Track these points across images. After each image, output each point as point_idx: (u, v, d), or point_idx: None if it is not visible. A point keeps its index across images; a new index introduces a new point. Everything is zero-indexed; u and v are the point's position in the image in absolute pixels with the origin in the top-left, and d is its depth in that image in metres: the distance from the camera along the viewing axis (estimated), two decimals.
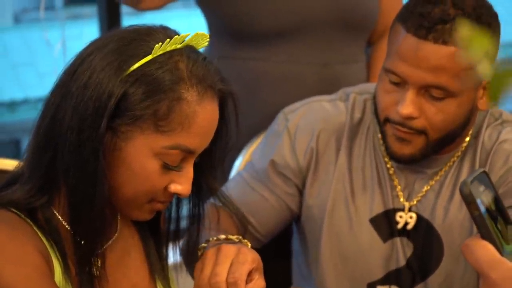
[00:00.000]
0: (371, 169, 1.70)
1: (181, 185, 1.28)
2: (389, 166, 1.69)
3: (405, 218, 1.67)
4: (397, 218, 1.67)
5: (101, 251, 1.30)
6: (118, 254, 1.36)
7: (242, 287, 1.31)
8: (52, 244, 1.27)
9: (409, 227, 1.67)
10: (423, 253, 1.66)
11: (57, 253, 1.27)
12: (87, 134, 1.21)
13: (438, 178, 1.67)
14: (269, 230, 1.76)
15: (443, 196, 1.66)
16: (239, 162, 2.00)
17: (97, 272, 1.29)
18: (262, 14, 2.01)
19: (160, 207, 1.31)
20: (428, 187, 1.67)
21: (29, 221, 1.26)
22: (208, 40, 1.30)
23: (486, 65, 0.85)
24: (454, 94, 1.55)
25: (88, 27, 3.13)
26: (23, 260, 1.20)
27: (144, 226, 1.42)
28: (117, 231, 1.38)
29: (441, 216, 1.65)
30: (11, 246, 1.21)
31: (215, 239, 1.43)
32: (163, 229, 1.44)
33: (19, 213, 1.26)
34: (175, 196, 1.37)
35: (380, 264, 1.68)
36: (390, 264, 1.68)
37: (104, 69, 1.23)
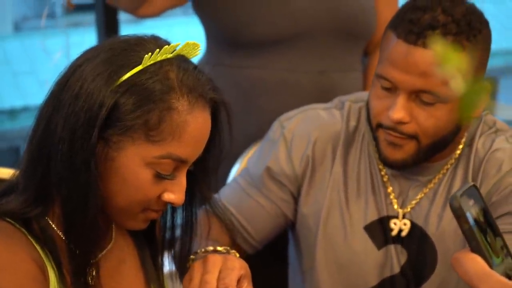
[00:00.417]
0: (365, 177, 1.71)
1: (174, 193, 1.28)
2: (383, 174, 1.70)
3: (399, 225, 1.68)
4: (391, 225, 1.68)
5: (96, 260, 1.30)
6: (113, 263, 1.37)
7: None
8: (47, 253, 1.27)
9: (403, 234, 1.67)
10: (417, 261, 1.67)
11: (52, 262, 1.27)
12: (79, 145, 1.22)
13: (431, 185, 1.68)
14: (263, 236, 1.76)
15: (436, 204, 1.67)
16: (235, 170, 2.00)
17: (92, 281, 1.30)
18: (259, 22, 2.02)
19: (154, 215, 1.32)
20: (422, 195, 1.68)
21: (24, 230, 1.26)
22: (199, 49, 1.30)
23: (458, 81, 0.86)
24: (444, 99, 1.56)
25: (89, 35, 3.14)
26: (17, 268, 1.20)
27: (139, 235, 1.43)
28: (112, 240, 1.38)
29: (435, 224, 1.66)
30: (5, 254, 1.21)
31: (203, 250, 1.44)
32: (158, 237, 1.44)
33: (13, 222, 1.26)
34: (169, 205, 1.38)
35: (374, 271, 1.68)
36: (384, 271, 1.68)
37: (95, 79, 1.23)
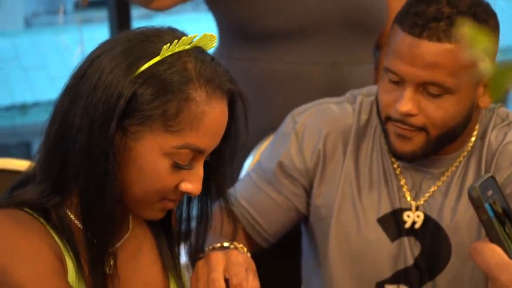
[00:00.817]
0: (378, 170, 1.72)
1: (192, 183, 1.29)
2: (395, 166, 1.71)
3: (413, 218, 1.68)
4: (405, 218, 1.68)
5: (113, 249, 1.31)
6: (130, 253, 1.38)
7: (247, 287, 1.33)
8: (65, 243, 1.28)
9: (417, 226, 1.68)
10: (430, 253, 1.67)
11: (70, 252, 1.28)
12: (97, 136, 1.22)
13: (444, 178, 1.69)
14: (276, 230, 1.77)
15: (450, 196, 1.67)
16: (248, 163, 2.01)
17: (110, 270, 1.31)
18: (271, 14, 2.02)
19: (171, 205, 1.32)
20: (435, 188, 1.69)
21: (42, 220, 1.27)
22: (216, 41, 1.31)
23: (487, 62, 0.87)
24: (452, 91, 1.56)
25: (100, 31, 3.15)
26: (36, 259, 1.21)
27: (156, 224, 1.44)
28: (129, 229, 1.39)
29: (449, 217, 1.66)
30: (24, 245, 1.22)
31: (210, 248, 1.45)
32: (174, 227, 1.45)
33: (32, 212, 1.27)
34: (185, 196, 1.39)
35: (388, 263, 1.69)
36: (398, 264, 1.68)
37: (113, 70, 1.24)
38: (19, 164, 1.71)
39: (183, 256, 1.46)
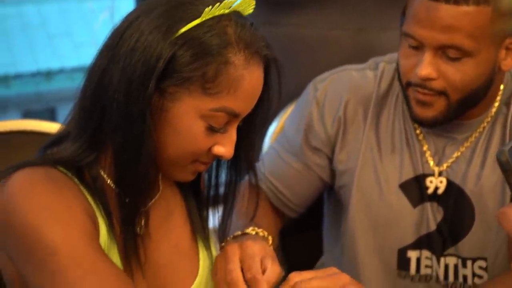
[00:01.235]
0: (400, 135, 1.72)
1: (225, 147, 1.30)
2: (418, 132, 1.71)
3: (435, 183, 1.69)
4: (427, 183, 1.69)
5: (144, 210, 1.33)
6: (160, 214, 1.39)
7: (260, 280, 1.34)
8: (98, 203, 1.29)
9: (440, 191, 1.68)
10: (453, 219, 1.68)
11: (103, 212, 1.29)
12: (135, 96, 1.23)
13: (468, 144, 1.69)
14: (303, 201, 1.79)
15: (475, 162, 1.68)
16: (273, 128, 2.02)
17: (141, 230, 1.33)
18: None
19: (202, 168, 1.34)
20: (459, 153, 1.69)
21: (75, 180, 1.29)
22: (253, 6, 1.32)
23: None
24: (471, 53, 1.56)
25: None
26: (69, 220, 1.22)
27: (185, 187, 1.45)
28: (159, 191, 1.41)
29: (473, 182, 1.67)
30: (58, 205, 1.23)
31: (231, 237, 1.46)
32: (203, 191, 1.47)
33: (66, 172, 1.28)
34: (215, 162, 1.41)
35: (410, 229, 1.69)
36: (420, 229, 1.69)
37: (152, 32, 1.24)
38: (46, 126, 1.72)
39: (210, 222, 1.48)
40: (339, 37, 2.04)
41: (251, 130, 1.37)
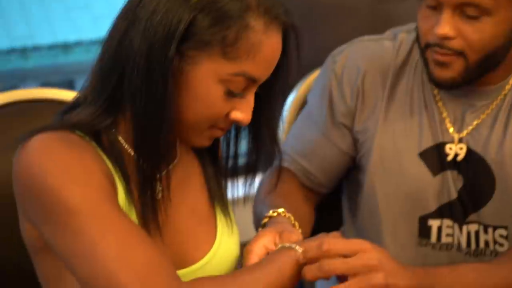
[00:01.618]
0: (418, 104, 1.72)
1: (242, 112, 1.31)
2: (437, 99, 1.70)
3: (455, 150, 1.68)
4: (447, 150, 1.68)
5: (162, 175, 1.33)
6: (178, 179, 1.40)
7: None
8: (116, 167, 1.30)
9: (459, 158, 1.68)
10: (473, 186, 1.67)
11: (121, 176, 1.30)
12: (156, 59, 1.24)
13: (489, 111, 1.68)
14: (332, 177, 1.80)
15: (496, 130, 1.67)
16: (291, 98, 2.02)
17: (159, 195, 1.33)
18: None
19: (220, 134, 1.34)
20: (479, 120, 1.68)
21: (93, 144, 1.29)
22: None
23: None
24: (489, 12, 1.55)
25: None
26: (88, 181, 1.23)
27: (203, 153, 1.46)
28: (177, 157, 1.41)
29: (494, 150, 1.66)
30: (77, 167, 1.24)
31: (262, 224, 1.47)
32: (220, 160, 1.47)
33: (83, 135, 1.29)
34: (233, 132, 1.42)
35: (432, 197, 1.69)
36: (441, 198, 1.69)
37: None
38: (65, 95, 1.73)
39: (228, 193, 1.49)
40: (357, 5, 2.04)
41: (271, 98, 1.37)
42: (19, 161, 1.26)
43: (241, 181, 1.46)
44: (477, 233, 1.68)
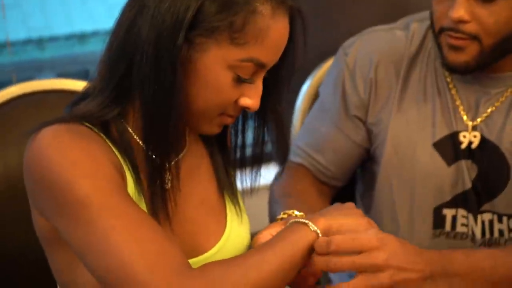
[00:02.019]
0: (432, 93, 1.71)
1: (251, 98, 1.32)
2: (451, 87, 1.70)
3: (469, 138, 1.68)
4: (461, 138, 1.68)
5: (171, 165, 1.33)
6: (187, 169, 1.40)
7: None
8: (125, 157, 1.30)
9: (474, 146, 1.67)
10: (488, 175, 1.67)
11: (130, 167, 1.30)
12: (165, 47, 1.24)
13: (503, 99, 1.68)
14: (346, 170, 1.80)
15: (511, 118, 1.66)
16: (306, 87, 2.02)
17: (168, 185, 1.34)
18: None
19: (229, 121, 1.35)
20: (494, 108, 1.68)
21: (102, 134, 1.30)
22: None
23: None
24: None
25: None
26: (97, 172, 1.23)
27: (212, 142, 1.46)
28: (186, 146, 1.42)
29: (509, 139, 1.66)
30: (86, 159, 1.24)
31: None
32: (229, 149, 1.48)
33: (92, 127, 1.29)
34: (241, 120, 1.43)
35: (446, 188, 1.69)
36: (456, 188, 1.69)
37: None
38: (81, 85, 1.74)
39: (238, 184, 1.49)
40: None
41: (278, 83, 1.37)
42: (29, 154, 1.26)
43: (249, 171, 1.47)
44: (491, 222, 1.68)
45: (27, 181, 1.28)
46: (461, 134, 1.68)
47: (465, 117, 1.69)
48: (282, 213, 1.45)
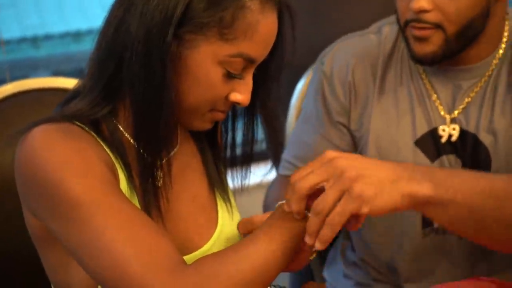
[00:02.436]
0: (408, 91, 1.72)
1: (241, 94, 1.32)
2: (426, 83, 1.71)
3: (448, 131, 1.69)
4: (440, 132, 1.69)
5: (163, 163, 1.33)
6: (178, 167, 1.41)
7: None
8: (116, 155, 1.30)
9: (454, 139, 1.68)
10: (471, 167, 1.67)
11: (121, 164, 1.30)
12: (154, 43, 1.24)
13: (478, 89, 1.69)
14: None
15: (486, 107, 1.67)
16: (301, 85, 2.03)
17: (160, 183, 1.34)
18: None
19: (220, 116, 1.35)
20: (469, 99, 1.69)
21: (93, 134, 1.29)
22: None
23: None
24: None
25: None
26: (89, 172, 1.23)
27: (202, 140, 1.47)
28: (177, 144, 1.42)
29: (486, 127, 1.66)
30: (77, 159, 1.24)
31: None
32: (220, 145, 1.48)
33: (83, 126, 1.29)
34: (231, 121, 1.43)
35: None
36: None
37: None
38: (74, 83, 1.74)
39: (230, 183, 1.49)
40: None
41: (267, 79, 1.38)
42: (20, 154, 1.26)
43: (240, 170, 1.47)
44: None
45: (18, 181, 1.27)
46: (440, 128, 1.69)
47: (442, 112, 1.70)
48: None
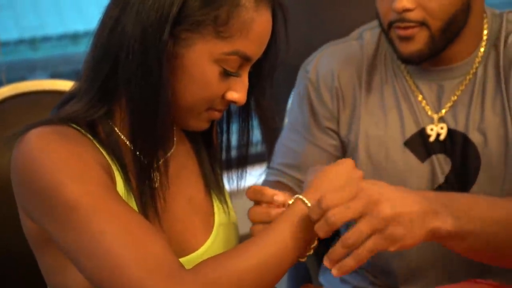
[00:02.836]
0: (394, 93, 1.73)
1: (238, 92, 1.32)
2: (410, 83, 1.72)
3: (436, 130, 1.69)
4: (428, 131, 1.69)
5: (160, 164, 1.34)
6: (175, 168, 1.40)
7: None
8: (113, 157, 1.30)
9: (442, 138, 1.68)
10: (461, 167, 1.67)
11: (118, 166, 1.30)
12: (151, 42, 1.24)
13: (463, 87, 1.69)
14: None
15: (474, 106, 1.67)
16: None
17: (156, 185, 1.34)
18: None
19: (217, 115, 1.36)
20: (456, 97, 1.69)
21: (89, 136, 1.29)
22: None
23: None
24: None
25: None
26: (86, 175, 1.23)
27: (198, 141, 1.47)
28: (173, 145, 1.42)
29: (476, 126, 1.67)
30: (74, 162, 1.23)
31: None
32: (216, 146, 1.48)
33: (79, 128, 1.29)
34: (226, 122, 1.44)
35: (422, 185, 1.69)
36: (433, 183, 1.69)
37: None
38: (66, 85, 1.73)
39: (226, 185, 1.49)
40: None
41: (261, 77, 1.38)
42: (16, 157, 1.26)
43: (236, 172, 1.48)
44: None
45: (14, 183, 1.27)
46: (428, 128, 1.69)
47: (429, 111, 1.70)
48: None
